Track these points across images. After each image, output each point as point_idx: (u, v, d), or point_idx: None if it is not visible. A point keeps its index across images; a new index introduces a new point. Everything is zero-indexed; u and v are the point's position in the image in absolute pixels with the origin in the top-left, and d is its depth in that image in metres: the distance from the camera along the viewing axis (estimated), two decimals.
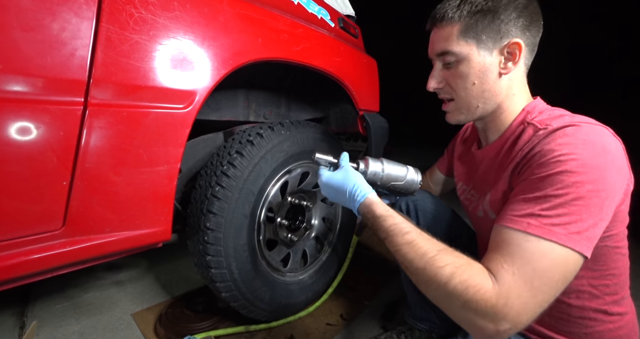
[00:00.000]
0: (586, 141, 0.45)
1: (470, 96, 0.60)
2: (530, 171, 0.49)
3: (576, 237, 0.43)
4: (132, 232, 0.66)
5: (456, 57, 0.58)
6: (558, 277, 0.43)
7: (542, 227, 0.43)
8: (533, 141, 0.52)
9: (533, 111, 0.58)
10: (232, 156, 0.81)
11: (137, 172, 0.62)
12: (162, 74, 0.63)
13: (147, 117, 0.62)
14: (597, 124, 0.49)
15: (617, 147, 0.47)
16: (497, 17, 0.54)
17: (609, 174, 0.44)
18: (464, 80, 0.59)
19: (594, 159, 0.44)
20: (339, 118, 1.38)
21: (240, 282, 0.85)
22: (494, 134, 0.64)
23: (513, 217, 0.47)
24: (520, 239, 0.44)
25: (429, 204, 0.79)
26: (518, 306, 0.41)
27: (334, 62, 1.07)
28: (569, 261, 0.43)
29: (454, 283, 0.44)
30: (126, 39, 0.58)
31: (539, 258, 0.43)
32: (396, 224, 0.54)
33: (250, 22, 0.80)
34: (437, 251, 0.49)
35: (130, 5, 0.59)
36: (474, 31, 0.56)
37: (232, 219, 0.81)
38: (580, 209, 0.43)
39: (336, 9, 1.29)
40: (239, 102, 1.11)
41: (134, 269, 1.38)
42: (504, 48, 0.56)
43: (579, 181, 0.43)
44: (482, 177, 0.67)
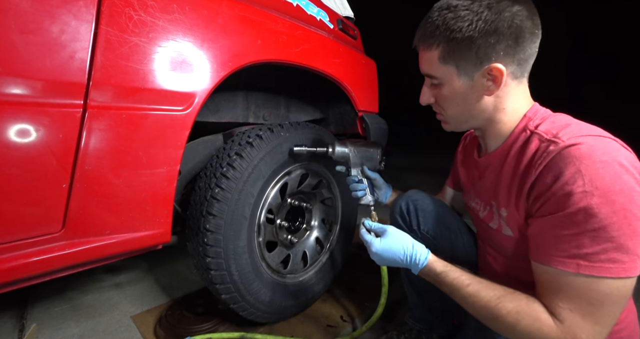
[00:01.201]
0: (604, 163, 0.44)
1: (456, 114, 0.62)
2: (554, 203, 0.48)
3: (629, 266, 0.44)
4: (132, 235, 0.66)
5: (439, 80, 0.59)
6: (615, 303, 0.45)
7: (593, 266, 0.45)
8: (544, 157, 0.50)
9: (535, 118, 0.57)
10: (231, 158, 0.81)
11: (137, 175, 0.62)
12: (161, 76, 0.63)
13: (147, 119, 0.62)
14: (605, 137, 0.48)
15: (632, 160, 0.46)
16: (474, 43, 0.52)
17: (635, 193, 0.44)
18: (448, 101, 0.61)
19: (617, 183, 0.44)
20: (339, 119, 1.38)
21: (239, 284, 0.85)
22: (494, 142, 0.63)
23: (559, 259, 0.47)
24: (572, 279, 0.46)
25: (429, 204, 0.79)
26: (586, 337, 0.45)
27: (333, 63, 1.07)
28: (621, 289, 0.45)
29: (520, 328, 0.49)
30: (125, 42, 0.58)
31: (592, 292, 0.45)
32: (456, 278, 0.57)
33: (249, 24, 0.80)
34: (498, 298, 0.52)
35: (130, 7, 0.59)
36: (452, 58, 0.55)
37: (231, 220, 0.81)
38: (624, 237, 0.43)
39: (335, 11, 1.29)
40: (238, 104, 1.11)
41: (133, 271, 1.38)
42: (484, 72, 0.54)
43: (611, 212, 0.43)
44: (486, 185, 0.66)
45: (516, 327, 0.49)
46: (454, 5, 0.53)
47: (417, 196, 0.81)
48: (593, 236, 0.44)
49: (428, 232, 0.78)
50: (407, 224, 0.80)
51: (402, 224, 0.81)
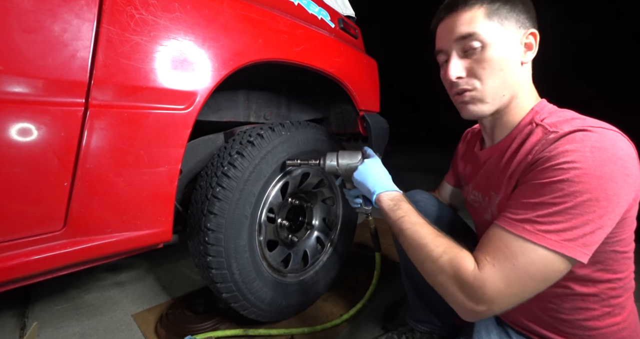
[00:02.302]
0: (594, 148, 0.45)
1: (497, 83, 0.57)
2: (534, 175, 0.49)
3: (569, 244, 0.44)
4: (133, 233, 0.66)
5: (482, 41, 0.55)
6: (538, 276, 0.46)
7: (535, 233, 0.46)
8: (543, 144, 0.51)
9: (542, 112, 0.57)
10: (232, 157, 0.81)
11: (138, 173, 0.62)
12: (162, 74, 0.63)
13: (148, 118, 0.62)
14: (609, 129, 0.48)
15: (628, 153, 0.46)
16: (516, 6, 0.55)
17: (612, 183, 0.44)
18: (492, 65, 0.55)
19: (598, 168, 0.44)
20: (340, 119, 1.38)
21: (240, 283, 0.85)
22: (501, 133, 0.62)
23: (511, 221, 0.49)
24: (510, 239, 0.48)
25: (430, 205, 0.79)
26: (492, 293, 0.46)
27: (334, 62, 1.07)
28: (554, 264, 0.46)
29: (443, 259, 0.51)
30: (127, 40, 0.58)
31: (520, 257, 0.46)
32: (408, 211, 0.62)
33: (250, 23, 0.80)
34: (435, 236, 0.56)
35: (131, 6, 0.59)
36: (498, 16, 0.55)
37: (232, 219, 0.81)
38: (575, 217, 0.44)
39: (336, 10, 1.29)
40: (239, 103, 1.11)
41: (134, 270, 1.38)
42: (522, 37, 0.56)
43: (578, 191, 0.44)
44: (486, 177, 0.67)
45: (439, 259, 0.52)
46: None
47: (419, 197, 0.81)
48: (550, 209, 0.45)
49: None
50: None
51: None
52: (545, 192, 0.46)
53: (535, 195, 0.47)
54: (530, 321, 0.62)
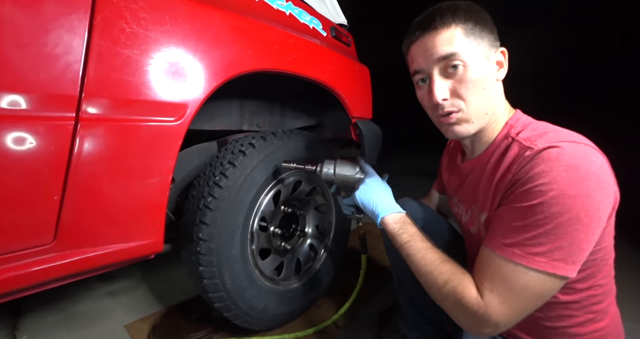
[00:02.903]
0: (569, 167, 0.46)
1: (480, 102, 0.57)
2: (515, 197, 0.51)
3: (557, 264, 0.46)
4: (124, 245, 0.66)
5: (463, 61, 0.55)
6: (535, 296, 0.49)
7: (525, 257, 0.47)
8: (520, 162, 0.52)
9: (516, 125, 0.58)
10: (224, 167, 0.82)
11: (129, 185, 0.63)
12: (153, 87, 0.63)
13: (139, 130, 0.62)
14: (580, 143, 0.49)
15: (601, 166, 0.47)
16: (486, 25, 0.56)
17: (590, 200, 0.45)
18: (475, 85, 0.55)
19: (575, 187, 0.45)
20: (334, 125, 1.39)
21: (233, 292, 0.85)
22: (480, 147, 0.64)
23: (501, 245, 0.50)
24: (502, 264, 0.50)
25: (418, 213, 0.80)
26: (495, 318, 0.49)
27: (326, 71, 1.08)
28: (546, 284, 0.48)
29: (448, 287, 0.54)
30: (118, 54, 0.59)
31: (515, 281, 0.48)
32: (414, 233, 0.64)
33: (241, 34, 0.81)
34: (441, 262, 0.57)
35: (122, 20, 0.60)
36: (474, 36, 0.55)
37: (224, 229, 0.81)
38: (560, 238, 0.46)
39: (328, 18, 1.31)
40: (232, 112, 1.11)
41: (128, 279, 1.37)
42: (494, 55, 0.58)
43: (558, 211, 0.45)
44: (468, 190, 0.68)
45: (445, 287, 0.54)
46: (453, 3, 0.58)
47: (407, 206, 0.82)
48: (536, 231, 0.47)
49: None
50: None
51: None
52: (528, 216, 0.48)
53: (520, 218, 0.49)
54: (518, 329, 0.63)
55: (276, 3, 1.00)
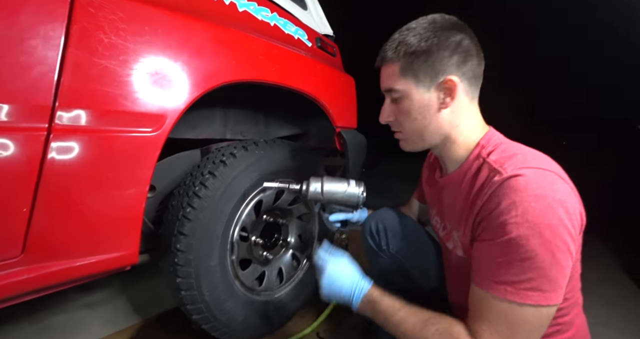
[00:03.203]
0: (537, 197, 0.47)
1: (414, 129, 0.63)
2: (492, 231, 0.52)
3: (549, 295, 0.48)
4: (97, 257, 0.65)
5: (399, 94, 0.62)
6: (533, 328, 0.49)
7: (517, 294, 0.48)
8: (490, 187, 0.53)
9: (488, 145, 0.60)
10: (204, 177, 0.82)
11: (103, 197, 0.62)
12: (131, 98, 0.63)
13: (115, 141, 0.62)
14: (544, 169, 0.51)
15: (565, 192, 0.49)
16: (431, 56, 0.58)
17: (562, 227, 0.47)
18: (408, 115, 0.62)
19: (545, 217, 0.47)
20: (319, 134, 1.40)
21: (211, 304, 0.84)
22: (451, 165, 0.65)
23: (492, 283, 0.51)
24: (497, 303, 0.50)
25: (397, 223, 0.81)
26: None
27: (310, 81, 1.09)
28: (542, 316, 0.49)
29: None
30: (95, 65, 0.59)
31: (513, 318, 0.49)
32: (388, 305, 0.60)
33: (224, 45, 0.82)
34: (424, 322, 0.55)
35: (100, 31, 0.59)
36: (411, 70, 0.60)
37: (203, 240, 0.80)
38: (545, 269, 0.47)
39: (314, 29, 1.33)
40: (216, 121, 1.11)
41: (106, 290, 1.33)
42: (440, 84, 0.59)
43: (537, 243, 0.47)
44: (444, 207, 0.69)
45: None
46: (412, 27, 0.61)
47: (387, 215, 0.83)
48: (520, 265, 0.48)
49: (398, 252, 0.79)
50: (377, 244, 0.81)
51: (372, 244, 0.82)
52: (510, 250, 0.48)
53: (502, 254, 0.49)
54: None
55: (261, 14, 1.01)
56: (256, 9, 1.00)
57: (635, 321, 1.27)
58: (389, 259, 0.82)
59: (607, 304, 1.36)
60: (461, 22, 0.61)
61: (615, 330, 1.19)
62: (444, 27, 0.59)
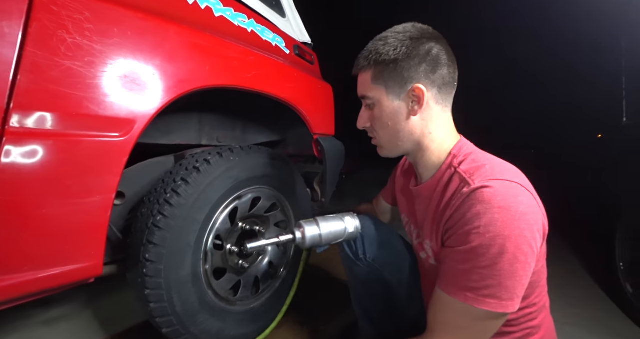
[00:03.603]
0: (501, 209, 0.49)
1: (387, 135, 0.65)
2: (457, 238, 0.54)
3: (507, 303, 0.50)
4: (57, 269, 0.60)
5: (372, 100, 0.65)
6: (488, 333, 0.53)
7: (476, 299, 0.50)
8: (459, 198, 0.55)
9: (459, 154, 0.62)
10: (176, 183, 0.79)
11: (64, 205, 0.58)
12: (97, 101, 0.60)
13: (78, 146, 0.59)
14: (510, 181, 0.53)
15: (529, 204, 0.51)
16: (399, 65, 0.60)
17: (523, 239, 0.49)
18: (380, 121, 0.65)
19: (507, 228, 0.49)
20: (297, 141, 1.40)
21: (183, 316, 0.80)
22: (425, 172, 0.67)
23: (454, 289, 0.53)
24: (458, 308, 0.53)
25: (375, 230, 0.81)
26: None
27: (287, 88, 1.09)
28: (495, 322, 0.52)
29: None
30: (57, 65, 0.56)
31: (469, 323, 0.52)
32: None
33: (198, 50, 0.80)
34: None
35: (63, 30, 0.57)
36: (382, 78, 0.62)
37: (174, 249, 0.77)
38: (504, 278, 0.49)
39: (292, 37, 1.34)
40: (191, 126, 1.09)
41: (69, 305, 1.25)
42: (409, 92, 0.61)
43: (497, 252, 0.49)
44: (417, 215, 0.71)
45: None
46: (384, 36, 0.63)
47: (364, 223, 0.83)
48: (480, 273, 0.50)
49: (375, 261, 0.79)
50: (354, 252, 0.81)
51: (349, 253, 0.82)
52: (472, 258, 0.51)
53: (465, 261, 0.52)
54: None
55: (237, 20, 1.01)
56: (233, 15, 0.99)
57: (600, 319, 1.34)
58: (366, 268, 0.82)
59: (574, 305, 1.43)
60: (433, 31, 0.63)
61: (582, 328, 1.25)
62: (414, 36, 0.60)
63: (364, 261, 0.80)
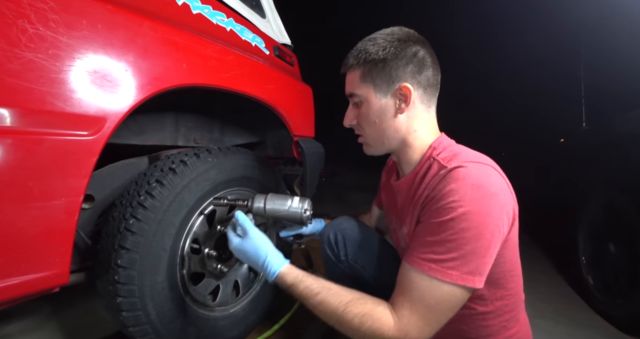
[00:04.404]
0: (473, 186, 0.52)
1: (373, 132, 0.67)
2: (430, 214, 0.56)
3: (468, 277, 0.51)
4: (17, 279, 0.56)
5: (359, 98, 0.66)
6: (448, 308, 0.53)
7: (439, 270, 0.52)
8: (435, 179, 0.58)
9: (439, 147, 0.64)
10: (150, 185, 0.75)
11: (23, 209, 0.54)
12: (62, 97, 0.57)
13: (40, 144, 0.54)
14: (483, 163, 0.56)
15: (499, 186, 0.54)
16: (388, 65, 0.62)
17: (491, 218, 0.51)
18: (367, 119, 0.66)
19: (478, 204, 0.51)
20: (276, 143, 1.38)
21: (158, 324, 0.76)
22: (407, 167, 0.69)
23: (418, 260, 0.54)
24: (420, 278, 0.54)
25: (356, 233, 0.82)
26: (416, 334, 0.52)
27: (266, 89, 1.08)
28: (457, 296, 0.52)
29: (363, 330, 0.54)
30: (16, 57, 0.52)
31: (431, 295, 0.52)
32: (307, 287, 0.60)
33: (174, 47, 0.77)
34: (345, 304, 0.56)
35: (24, 19, 0.53)
36: (370, 77, 0.64)
37: (148, 254, 0.74)
38: (468, 252, 0.51)
39: (272, 38, 1.33)
40: (166, 126, 1.05)
41: (31, 317, 1.16)
42: (396, 91, 0.63)
43: (465, 227, 0.51)
44: (400, 208, 0.72)
45: (360, 329, 0.54)
46: (373, 37, 0.66)
47: (346, 225, 0.83)
48: (446, 245, 0.52)
49: (356, 262, 0.80)
50: (335, 254, 0.81)
51: (331, 255, 0.82)
52: (441, 231, 0.52)
53: (434, 234, 0.53)
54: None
55: (216, 18, 0.99)
56: (211, 13, 0.97)
57: (564, 311, 1.42)
58: (347, 270, 0.82)
59: (541, 300, 1.51)
60: (419, 35, 0.66)
61: (548, 321, 1.32)
62: (402, 38, 0.63)
63: (346, 263, 0.80)
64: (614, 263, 1.42)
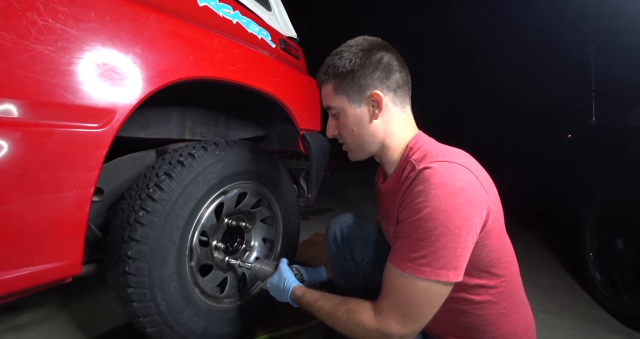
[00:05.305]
0: (437, 185, 0.54)
1: (354, 139, 0.70)
2: (404, 214, 0.58)
3: (441, 272, 0.53)
4: (31, 269, 0.57)
5: (336, 110, 0.69)
6: (427, 303, 0.55)
7: (414, 268, 0.54)
8: (408, 181, 0.60)
9: (414, 147, 0.66)
10: (159, 178, 0.76)
11: (36, 201, 0.54)
12: (72, 89, 0.57)
13: (51, 137, 0.55)
14: (450, 161, 0.57)
15: (467, 181, 0.55)
16: (356, 75, 0.65)
17: (457, 213, 0.52)
18: (346, 128, 0.70)
19: (443, 202, 0.53)
20: (281, 137, 1.38)
21: (167, 315, 0.77)
22: (390, 168, 0.71)
23: (397, 259, 0.57)
24: (397, 276, 0.57)
25: (362, 229, 0.82)
26: (396, 328, 0.56)
27: (272, 82, 1.08)
28: (432, 290, 0.55)
29: (350, 323, 0.60)
30: (25, 49, 0.52)
31: (407, 291, 0.55)
32: (310, 296, 0.70)
33: (181, 39, 0.77)
34: (336, 305, 0.64)
35: (33, 11, 0.53)
36: (342, 89, 0.67)
37: (157, 246, 0.74)
38: (438, 249, 0.53)
39: (278, 31, 1.32)
40: (172, 120, 1.05)
41: (41, 309, 1.18)
42: (368, 99, 0.66)
43: (433, 226, 0.53)
44: (385, 209, 0.74)
45: (347, 323, 0.60)
46: (339, 51, 0.68)
47: (351, 221, 0.83)
48: (417, 244, 0.54)
49: (363, 260, 0.80)
50: (341, 252, 0.82)
51: (336, 252, 0.82)
52: (411, 231, 0.55)
53: (406, 234, 0.56)
54: (448, 334, 0.68)
55: (222, 11, 0.98)
56: (217, 5, 0.96)
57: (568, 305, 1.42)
58: (352, 266, 0.83)
59: (545, 294, 1.51)
60: (382, 42, 0.68)
61: (552, 315, 1.32)
62: (365, 48, 0.66)
63: (352, 261, 0.82)
64: (621, 258, 1.41)
